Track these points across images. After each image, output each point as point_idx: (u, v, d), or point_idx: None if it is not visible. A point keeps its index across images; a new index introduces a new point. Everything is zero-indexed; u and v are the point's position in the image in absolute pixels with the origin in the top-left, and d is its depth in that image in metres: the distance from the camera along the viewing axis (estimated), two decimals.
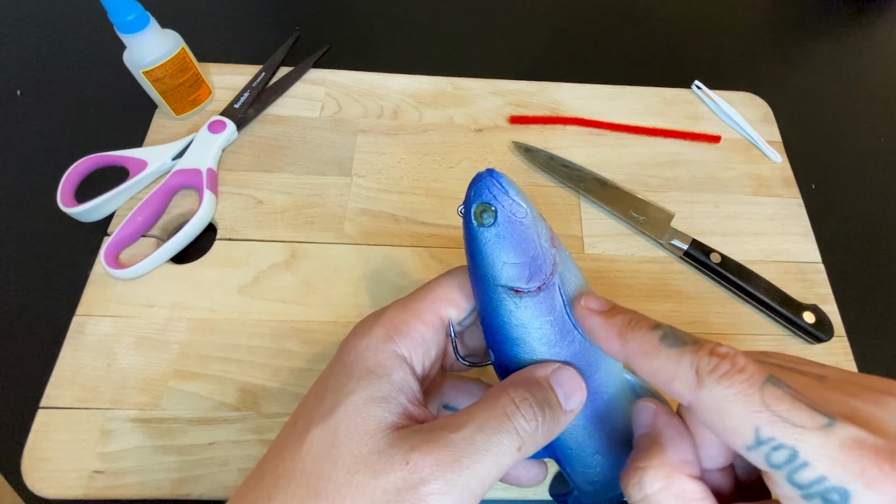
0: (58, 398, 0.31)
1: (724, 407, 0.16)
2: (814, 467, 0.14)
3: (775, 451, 0.15)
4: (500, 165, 0.41)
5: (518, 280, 0.20)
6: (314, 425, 0.19)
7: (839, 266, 0.39)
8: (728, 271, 0.37)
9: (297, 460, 0.18)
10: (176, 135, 0.41)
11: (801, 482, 0.15)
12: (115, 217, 0.37)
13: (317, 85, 0.45)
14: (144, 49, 0.37)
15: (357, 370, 0.20)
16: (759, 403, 0.15)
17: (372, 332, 0.21)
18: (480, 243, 0.20)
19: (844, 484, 0.14)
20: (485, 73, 0.46)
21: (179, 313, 0.34)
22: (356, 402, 0.19)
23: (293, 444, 0.19)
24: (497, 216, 0.20)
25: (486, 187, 0.20)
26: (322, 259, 0.37)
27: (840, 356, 0.36)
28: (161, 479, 0.29)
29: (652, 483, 0.18)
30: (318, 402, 0.20)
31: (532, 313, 0.20)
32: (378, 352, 0.20)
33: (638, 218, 0.39)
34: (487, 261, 0.20)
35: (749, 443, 0.15)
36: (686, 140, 0.44)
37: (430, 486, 0.17)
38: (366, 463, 0.18)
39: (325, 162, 0.41)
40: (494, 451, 0.18)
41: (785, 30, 0.56)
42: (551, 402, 0.19)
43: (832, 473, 0.14)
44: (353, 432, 0.18)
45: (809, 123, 0.48)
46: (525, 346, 0.21)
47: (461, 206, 0.21)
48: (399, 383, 0.20)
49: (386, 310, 0.22)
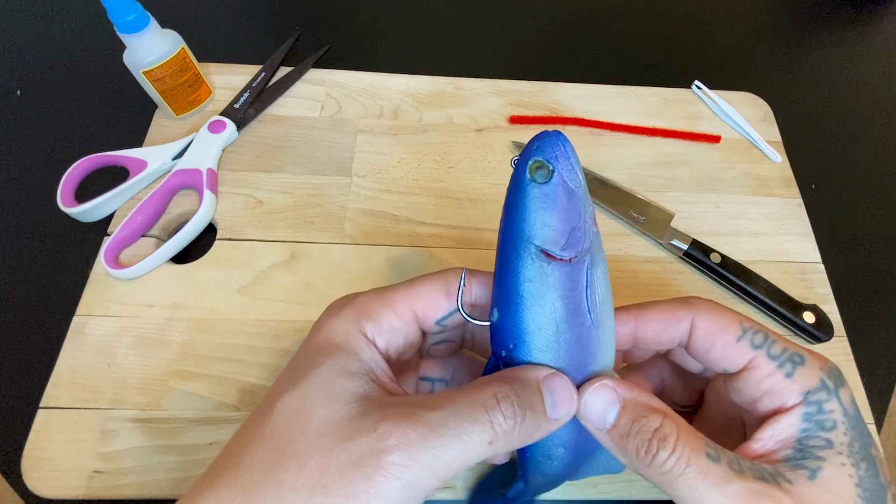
0: (58, 398, 0.31)
1: None
2: (778, 344, 0.21)
3: None
4: (500, 165, 0.41)
5: (553, 244, 0.20)
6: (284, 393, 0.19)
7: (839, 266, 0.39)
8: (728, 271, 0.37)
9: (265, 425, 0.19)
10: (176, 135, 0.41)
11: (773, 353, 0.20)
12: (115, 217, 0.37)
13: (317, 85, 0.45)
14: (144, 49, 0.37)
15: (327, 346, 0.20)
16: None
17: (341, 313, 0.21)
18: (527, 198, 0.20)
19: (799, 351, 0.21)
20: (485, 73, 0.46)
21: (179, 313, 0.34)
22: (326, 374, 0.19)
23: (263, 411, 0.19)
24: (552, 177, 0.19)
25: (549, 146, 0.20)
26: (322, 259, 0.37)
27: (840, 356, 0.36)
28: (161, 479, 0.29)
29: None
30: (290, 375, 0.20)
31: (553, 281, 0.20)
32: (346, 331, 0.21)
33: (638, 218, 0.39)
34: (529, 217, 0.20)
35: None
36: (686, 140, 0.44)
37: (393, 457, 0.17)
38: (335, 427, 0.18)
39: (325, 162, 0.41)
40: (464, 438, 0.18)
41: (785, 30, 0.56)
42: (535, 406, 0.19)
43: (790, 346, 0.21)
44: (323, 399, 0.19)
45: (809, 123, 0.48)
46: (533, 312, 0.20)
47: (516, 158, 0.20)
48: (368, 361, 0.20)
49: (359, 294, 0.22)
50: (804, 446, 0.19)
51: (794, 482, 0.18)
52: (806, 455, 0.19)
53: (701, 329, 0.22)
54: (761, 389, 0.20)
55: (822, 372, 0.20)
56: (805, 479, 0.18)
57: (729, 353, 0.21)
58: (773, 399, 0.20)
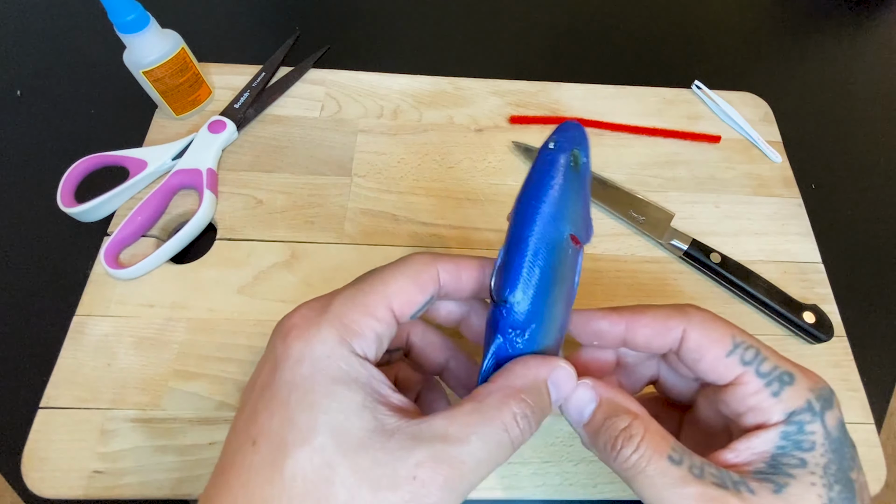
0: (58, 398, 0.31)
1: None
2: (769, 361, 0.21)
3: None
4: (500, 165, 0.41)
5: (581, 230, 0.21)
6: (294, 449, 0.17)
7: (839, 266, 0.39)
8: (728, 271, 0.37)
9: (279, 489, 0.17)
10: (176, 135, 0.41)
11: (762, 371, 0.21)
12: (115, 217, 0.37)
13: (317, 85, 0.45)
14: (144, 49, 0.37)
15: (321, 384, 0.19)
16: None
17: (322, 337, 0.19)
18: (567, 185, 0.20)
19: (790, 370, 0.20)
20: (485, 73, 0.46)
21: (179, 313, 0.34)
22: (338, 419, 0.18)
23: (266, 473, 0.17)
24: (585, 167, 0.21)
25: (581, 137, 0.21)
26: (322, 259, 0.37)
27: (840, 356, 0.36)
28: (161, 479, 0.29)
29: None
30: (286, 423, 0.18)
31: (573, 265, 0.21)
32: (338, 359, 0.19)
33: (638, 218, 0.39)
34: (567, 204, 0.20)
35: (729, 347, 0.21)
36: (686, 140, 0.44)
37: (433, 499, 0.17)
38: (369, 478, 0.17)
39: (325, 162, 0.41)
40: (495, 462, 0.19)
41: (785, 30, 0.56)
42: (545, 406, 0.20)
43: (778, 362, 0.21)
44: (346, 451, 0.18)
45: (809, 123, 0.48)
46: (555, 295, 0.21)
47: (551, 142, 0.21)
48: (371, 383, 0.19)
49: (332, 304, 0.21)
50: (777, 462, 0.20)
51: (756, 493, 0.19)
52: (777, 470, 0.19)
53: (692, 340, 0.22)
54: (746, 405, 0.21)
55: (810, 393, 0.20)
56: (769, 492, 0.19)
57: (718, 367, 0.21)
58: (757, 416, 0.20)
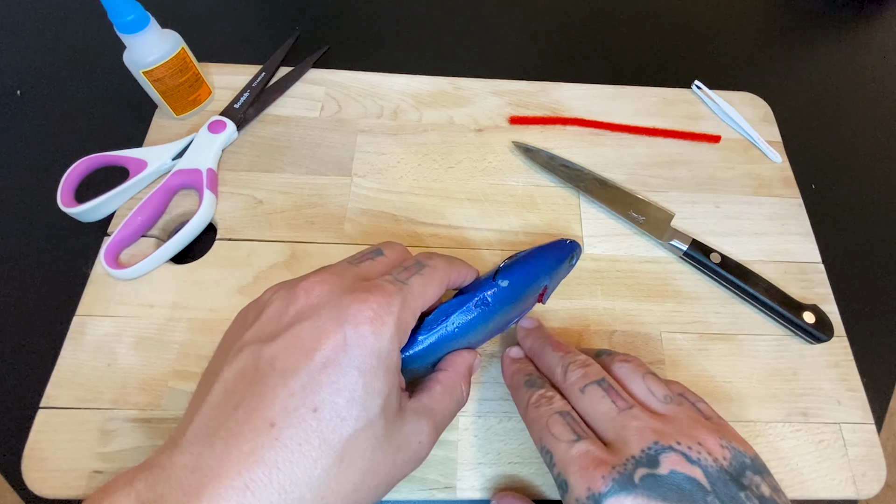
0: (58, 398, 0.31)
1: None
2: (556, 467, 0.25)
3: (544, 452, 0.26)
4: (500, 165, 0.41)
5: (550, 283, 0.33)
6: (357, 424, 0.22)
7: (839, 266, 0.39)
8: (728, 271, 0.37)
9: (330, 456, 0.21)
10: (176, 135, 0.41)
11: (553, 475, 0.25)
12: (115, 217, 0.37)
13: (317, 85, 0.45)
14: (144, 49, 0.37)
15: (383, 372, 0.23)
16: (544, 426, 0.26)
17: (390, 336, 0.23)
18: (565, 270, 0.34)
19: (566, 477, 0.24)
20: (485, 73, 0.46)
21: (179, 313, 0.34)
22: (389, 401, 0.23)
23: (320, 437, 0.21)
24: (575, 261, 0.35)
25: (578, 245, 0.34)
26: (322, 259, 0.37)
27: (840, 356, 0.36)
28: None
29: None
30: (352, 403, 0.22)
31: (535, 286, 0.32)
32: (394, 354, 0.23)
33: (638, 218, 0.39)
34: (557, 278, 0.33)
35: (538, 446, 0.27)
36: (686, 140, 0.44)
37: (426, 453, 0.25)
38: (397, 443, 0.24)
39: (325, 162, 0.41)
40: (453, 417, 0.27)
41: (785, 30, 0.56)
42: (468, 380, 0.29)
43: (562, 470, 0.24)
44: (387, 421, 0.23)
45: (809, 123, 0.48)
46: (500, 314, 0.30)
47: (568, 241, 0.33)
48: (398, 371, 0.24)
49: (395, 305, 0.24)
50: None
51: None
52: None
53: None
54: None
55: None
56: None
57: None
58: None
